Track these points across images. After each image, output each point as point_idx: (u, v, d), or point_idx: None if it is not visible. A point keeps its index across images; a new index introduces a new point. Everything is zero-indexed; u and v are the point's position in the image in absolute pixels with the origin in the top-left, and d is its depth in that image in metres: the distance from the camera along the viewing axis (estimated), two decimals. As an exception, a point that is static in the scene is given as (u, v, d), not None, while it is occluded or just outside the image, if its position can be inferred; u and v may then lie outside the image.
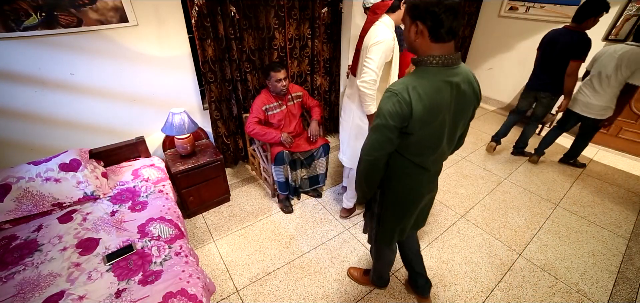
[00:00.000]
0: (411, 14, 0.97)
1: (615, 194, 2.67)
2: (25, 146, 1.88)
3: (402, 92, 0.96)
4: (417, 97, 0.95)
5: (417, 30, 0.96)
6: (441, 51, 0.96)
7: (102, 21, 1.81)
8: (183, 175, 2.10)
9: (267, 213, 2.39)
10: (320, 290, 1.80)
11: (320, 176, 2.47)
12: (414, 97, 0.95)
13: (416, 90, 0.95)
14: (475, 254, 2.06)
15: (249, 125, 2.16)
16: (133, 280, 1.29)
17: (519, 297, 1.78)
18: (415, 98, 0.95)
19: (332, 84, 3.20)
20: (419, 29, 0.95)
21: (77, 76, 1.87)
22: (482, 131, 3.78)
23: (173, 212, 1.74)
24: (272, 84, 2.16)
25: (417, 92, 0.95)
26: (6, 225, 1.57)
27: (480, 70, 4.60)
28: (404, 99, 0.95)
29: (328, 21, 2.81)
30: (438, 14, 0.90)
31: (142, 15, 1.94)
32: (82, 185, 1.71)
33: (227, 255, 2.02)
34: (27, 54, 1.69)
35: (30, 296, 1.22)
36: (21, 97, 1.76)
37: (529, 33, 3.85)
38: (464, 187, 2.73)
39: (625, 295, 1.80)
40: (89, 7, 1.75)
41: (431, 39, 0.95)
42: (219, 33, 2.22)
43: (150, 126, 2.28)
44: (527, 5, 3.76)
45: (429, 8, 0.91)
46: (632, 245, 2.15)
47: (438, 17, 0.90)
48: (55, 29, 1.69)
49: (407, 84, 0.97)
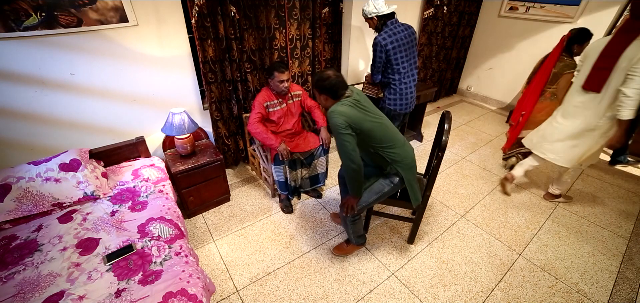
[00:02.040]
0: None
1: (615, 194, 2.67)
2: (25, 146, 1.88)
3: None
4: None
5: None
6: None
7: (102, 21, 1.81)
8: (183, 175, 2.10)
9: (267, 213, 2.39)
10: (320, 290, 1.80)
11: (320, 175, 2.47)
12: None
13: None
14: (475, 254, 2.06)
15: (251, 123, 2.16)
16: (133, 280, 1.29)
17: (519, 297, 1.78)
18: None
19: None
20: None
21: (77, 76, 1.87)
22: (482, 131, 3.78)
23: (173, 212, 1.74)
24: (275, 83, 2.16)
25: None
26: (6, 225, 1.57)
27: (480, 70, 4.61)
28: None
29: (329, 21, 2.81)
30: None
31: (142, 15, 1.94)
32: (82, 185, 1.71)
33: (227, 255, 2.02)
34: (27, 54, 1.69)
35: (30, 296, 1.22)
36: (21, 97, 1.76)
37: (529, 33, 3.85)
38: (464, 187, 2.73)
39: (625, 295, 1.80)
40: (89, 7, 1.75)
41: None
42: (219, 33, 2.22)
43: (150, 126, 2.28)
44: (527, 5, 3.77)
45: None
46: (632, 245, 2.15)
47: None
48: (55, 29, 1.69)
49: None
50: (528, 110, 2.62)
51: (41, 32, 1.66)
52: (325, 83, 1.53)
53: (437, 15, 3.82)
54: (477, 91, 4.77)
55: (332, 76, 1.54)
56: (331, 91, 1.53)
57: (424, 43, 3.93)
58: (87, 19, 1.76)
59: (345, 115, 1.48)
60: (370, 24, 2.32)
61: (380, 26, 2.26)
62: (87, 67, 1.88)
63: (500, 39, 4.19)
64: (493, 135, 3.69)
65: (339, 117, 1.47)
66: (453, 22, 4.13)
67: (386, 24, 2.24)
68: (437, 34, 4.01)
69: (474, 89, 4.80)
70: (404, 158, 1.65)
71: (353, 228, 1.87)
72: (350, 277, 1.88)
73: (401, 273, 1.91)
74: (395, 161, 1.64)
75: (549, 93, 2.51)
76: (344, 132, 1.48)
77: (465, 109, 4.50)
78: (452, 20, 4.09)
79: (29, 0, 1.58)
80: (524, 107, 2.66)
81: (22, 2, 1.56)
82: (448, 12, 3.95)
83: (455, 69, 4.74)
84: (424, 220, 2.31)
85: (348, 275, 1.90)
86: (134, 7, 1.89)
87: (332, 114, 1.50)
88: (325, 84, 1.53)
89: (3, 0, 1.51)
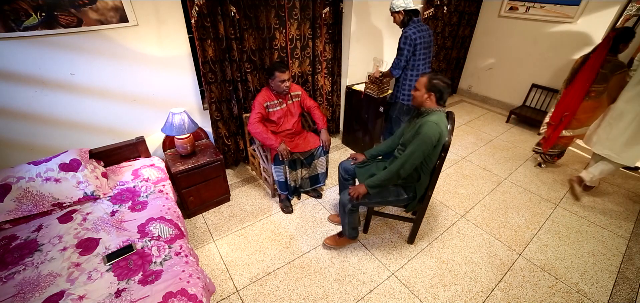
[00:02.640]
0: None
1: (615, 194, 2.67)
2: (25, 146, 1.88)
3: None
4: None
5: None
6: None
7: (102, 21, 1.81)
8: (183, 175, 2.10)
9: (267, 213, 2.39)
10: (320, 290, 1.80)
11: (320, 175, 2.47)
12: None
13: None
14: (475, 254, 2.06)
15: (251, 123, 2.16)
16: (133, 280, 1.29)
17: (519, 297, 1.78)
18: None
19: (334, 85, 3.19)
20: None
21: (77, 76, 1.87)
22: (482, 131, 3.78)
23: (173, 212, 1.74)
24: (276, 83, 2.16)
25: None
26: (6, 225, 1.57)
27: (480, 70, 4.61)
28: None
29: (329, 21, 2.81)
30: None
31: (142, 15, 1.94)
32: (82, 185, 1.71)
33: (227, 255, 2.02)
34: (27, 54, 1.69)
35: (30, 296, 1.22)
36: (21, 97, 1.76)
37: (529, 33, 3.85)
38: (464, 187, 2.73)
39: (625, 295, 1.80)
40: (89, 7, 1.75)
41: None
42: (219, 33, 2.22)
43: (150, 126, 2.28)
44: (527, 5, 3.77)
45: None
46: (632, 245, 2.15)
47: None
48: (55, 29, 1.69)
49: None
50: (572, 110, 2.61)
51: (41, 32, 1.66)
52: (441, 84, 1.60)
53: (437, 15, 3.82)
54: (477, 91, 4.77)
55: (447, 82, 1.62)
56: (440, 94, 1.61)
57: (424, 43, 3.93)
58: (87, 19, 1.76)
59: (442, 134, 1.60)
60: (396, 19, 2.34)
61: (407, 21, 2.30)
62: (87, 67, 1.88)
63: (500, 39, 4.19)
64: (493, 135, 3.69)
65: (436, 132, 1.57)
66: (453, 22, 4.13)
67: (412, 20, 2.28)
68: (437, 34, 4.01)
69: (474, 89, 4.80)
70: (424, 181, 1.78)
71: (350, 218, 1.90)
72: (350, 277, 1.88)
73: (401, 273, 1.91)
74: (422, 182, 1.77)
75: (594, 92, 2.50)
76: (429, 146, 1.59)
77: (465, 109, 4.49)
78: (452, 20, 4.09)
79: (29, 0, 1.58)
80: (567, 107, 2.64)
81: (22, 2, 1.56)
82: (448, 12, 3.95)
83: (455, 69, 4.74)
84: (424, 220, 2.31)
85: (348, 275, 1.90)
86: (134, 7, 1.89)
87: (432, 125, 1.57)
88: (440, 86, 1.60)
89: (3, 0, 1.51)
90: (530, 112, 3.87)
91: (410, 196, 1.83)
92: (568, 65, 3.55)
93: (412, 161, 1.62)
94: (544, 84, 3.84)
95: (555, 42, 3.64)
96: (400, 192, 1.83)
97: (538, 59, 3.85)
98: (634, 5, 2.97)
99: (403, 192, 1.82)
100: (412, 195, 1.82)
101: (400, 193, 1.83)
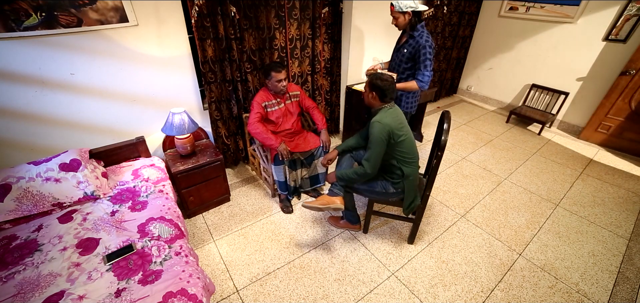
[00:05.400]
0: None
1: (615, 194, 2.67)
2: (25, 146, 1.88)
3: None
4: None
5: None
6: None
7: (102, 21, 1.81)
8: (183, 175, 2.10)
9: (267, 213, 2.39)
10: (320, 290, 1.80)
11: (320, 175, 2.47)
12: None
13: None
14: (475, 254, 2.06)
15: (251, 123, 2.16)
16: (133, 280, 1.29)
17: (519, 297, 1.78)
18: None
19: (333, 85, 3.20)
20: None
21: (77, 76, 1.87)
22: (482, 131, 3.78)
23: (173, 212, 1.74)
24: (272, 83, 2.16)
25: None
26: (6, 225, 1.57)
27: (480, 70, 4.61)
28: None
29: (329, 21, 2.81)
30: None
31: (142, 15, 1.94)
32: (82, 185, 1.71)
33: (227, 255, 2.02)
34: (27, 54, 1.69)
35: (30, 296, 1.22)
36: (21, 97, 1.76)
37: (529, 33, 3.85)
38: (464, 187, 2.73)
39: (626, 295, 1.80)
40: (89, 7, 1.75)
41: None
42: (219, 33, 2.22)
43: (150, 126, 2.28)
44: (527, 5, 3.76)
45: None
46: (632, 245, 2.15)
47: None
48: (55, 29, 1.69)
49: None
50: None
51: (41, 32, 1.66)
52: (380, 83, 1.67)
53: (437, 15, 3.82)
54: (477, 91, 4.76)
55: (388, 80, 1.68)
56: (382, 93, 1.68)
57: (424, 43, 3.92)
58: (87, 19, 1.76)
59: (388, 127, 1.65)
60: (400, 20, 2.09)
61: (414, 23, 2.07)
62: (87, 67, 1.88)
63: (500, 39, 4.19)
64: (493, 135, 3.69)
65: (383, 130, 1.64)
66: (453, 22, 4.13)
67: (422, 25, 2.08)
68: (437, 34, 4.01)
69: (474, 89, 4.80)
70: (409, 174, 1.78)
71: (346, 197, 1.97)
72: (350, 277, 1.88)
73: (401, 273, 1.91)
74: (406, 176, 1.78)
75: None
76: (381, 145, 1.66)
77: (465, 109, 4.49)
78: (452, 20, 4.09)
79: (29, 0, 1.58)
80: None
81: (22, 2, 1.56)
82: (448, 12, 3.95)
83: (456, 69, 4.74)
84: (424, 220, 2.31)
85: (348, 275, 1.90)
86: (134, 7, 1.89)
87: (376, 125, 1.65)
88: (379, 84, 1.67)
89: (3, 0, 1.51)
90: (531, 112, 3.86)
91: (398, 191, 1.85)
92: (568, 65, 3.57)
93: (373, 162, 1.71)
94: (544, 84, 3.84)
95: (555, 42, 3.64)
96: (387, 186, 1.86)
97: (538, 59, 3.85)
98: (634, 5, 2.97)
99: (390, 187, 1.86)
100: (401, 190, 1.84)
101: (387, 187, 1.87)
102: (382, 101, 1.71)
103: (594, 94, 3.45)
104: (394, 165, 1.79)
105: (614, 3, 3.10)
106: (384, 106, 1.73)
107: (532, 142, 3.53)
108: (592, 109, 3.47)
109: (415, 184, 1.85)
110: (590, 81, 3.45)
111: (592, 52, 3.37)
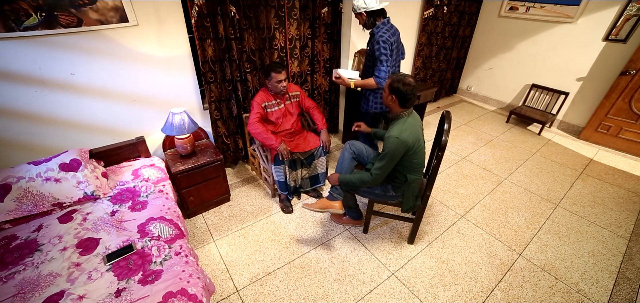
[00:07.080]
0: None
1: (615, 194, 2.67)
2: (25, 146, 1.88)
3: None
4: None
5: None
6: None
7: (102, 21, 1.81)
8: (183, 175, 2.10)
9: (267, 213, 2.39)
10: (320, 290, 1.80)
11: (320, 175, 2.47)
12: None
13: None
14: (475, 254, 2.06)
15: (251, 123, 2.16)
16: (133, 280, 1.29)
17: (519, 297, 1.78)
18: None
19: (332, 84, 3.20)
20: None
21: (77, 76, 1.87)
22: (482, 131, 3.78)
23: (173, 212, 1.74)
24: (272, 84, 2.16)
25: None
26: (6, 225, 1.57)
27: (480, 70, 4.61)
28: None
29: (328, 21, 2.81)
30: None
31: (142, 15, 1.94)
32: (82, 185, 1.71)
33: (227, 255, 2.02)
34: (27, 54, 1.69)
35: (30, 296, 1.22)
36: (21, 97, 1.76)
37: (529, 33, 3.85)
38: (464, 187, 2.73)
39: (626, 295, 1.80)
40: (89, 7, 1.75)
41: None
42: (219, 33, 2.22)
43: (150, 126, 2.29)
44: (527, 5, 3.76)
45: None
46: (632, 245, 2.15)
47: None
48: (55, 29, 1.70)
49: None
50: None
51: (41, 32, 1.66)
52: (402, 87, 1.57)
53: (437, 15, 3.82)
54: (477, 91, 4.76)
55: (411, 85, 1.58)
56: (402, 98, 1.59)
57: (424, 43, 3.92)
58: (87, 19, 1.76)
59: (405, 144, 1.58)
60: (360, 21, 2.15)
61: (370, 24, 2.10)
62: (87, 67, 1.88)
63: (500, 39, 4.19)
64: (493, 135, 3.69)
65: (400, 146, 1.58)
66: (453, 22, 4.13)
67: (383, 22, 2.08)
68: (437, 34, 4.01)
69: (474, 89, 4.80)
70: (412, 180, 1.77)
71: (347, 196, 1.97)
72: (350, 277, 1.88)
73: (401, 273, 1.91)
74: (409, 183, 1.77)
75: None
76: (395, 160, 1.63)
77: (465, 109, 4.49)
78: (452, 20, 4.09)
79: (29, 0, 1.58)
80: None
81: (22, 2, 1.56)
82: (448, 12, 3.95)
83: (456, 69, 4.74)
84: (424, 220, 2.31)
85: (348, 275, 1.90)
86: (134, 7, 1.89)
87: (394, 141, 1.58)
88: (400, 88, 1.57)
89: (3, 0, 1.51)
90: (531, 112, 3.86)
91: (398, 194, 1.85)
92: (568, 65, 3.57)
93: (382, 173, 1.68)
94: (544, 84, 3.84)
95: (555, 42, 3.64)
96: (387, 189, 1.86)
97: (538, 59, 3.85)
98: (634, 5, 2.97)
99: (391, 190, 1.85)
100: (401, 194, 1.84)
101: (388, 190, 1.86)
102: (402, 106, 1.62)
103: (594, 94, 3.45)
104: (399, 171, 1.77)
105: (614, 3, 3.10)
106: (403, 113, 1.64)
107: (532, 142, 3.53)
108: (592, 109, 3.47)
109: (416, 189, 1.83)
110: (590, 81, 3.45)
111: (592, 52, 3.37)
